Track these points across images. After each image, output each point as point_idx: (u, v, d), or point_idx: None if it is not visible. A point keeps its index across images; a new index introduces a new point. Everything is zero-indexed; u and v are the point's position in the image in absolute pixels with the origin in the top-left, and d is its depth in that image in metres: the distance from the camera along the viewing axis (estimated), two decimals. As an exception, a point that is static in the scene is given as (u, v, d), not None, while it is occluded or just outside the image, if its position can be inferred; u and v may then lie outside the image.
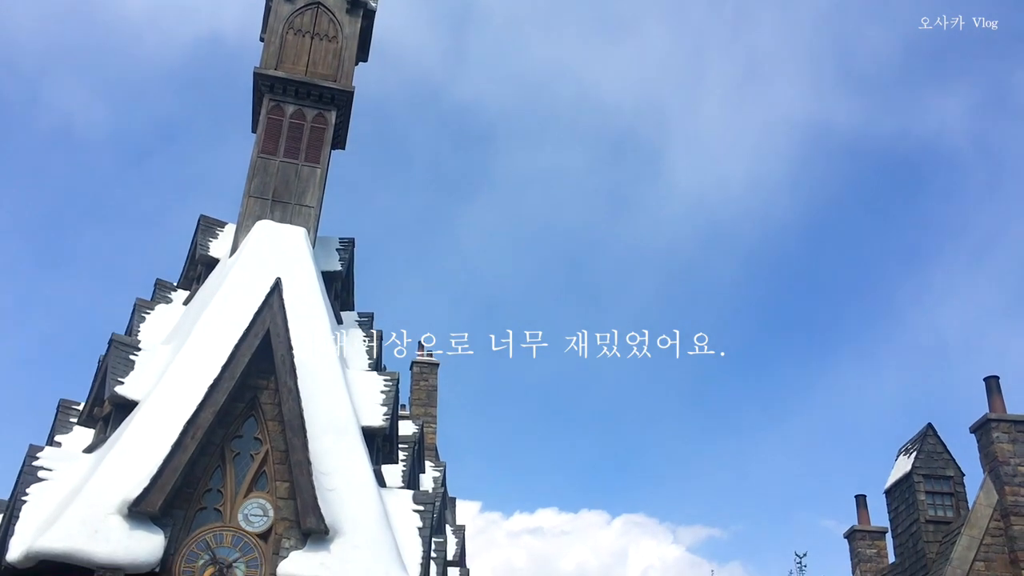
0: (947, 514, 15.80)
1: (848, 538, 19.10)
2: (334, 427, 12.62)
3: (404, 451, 16.35)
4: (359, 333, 16.56)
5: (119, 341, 13.61)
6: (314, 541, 11.28)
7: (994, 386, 15.25)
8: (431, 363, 25.35)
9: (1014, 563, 14.05)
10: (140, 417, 12.03)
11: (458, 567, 21.91)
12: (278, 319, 12.63)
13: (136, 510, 10.79)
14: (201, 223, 17.09)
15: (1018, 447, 14.73)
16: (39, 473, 11.87)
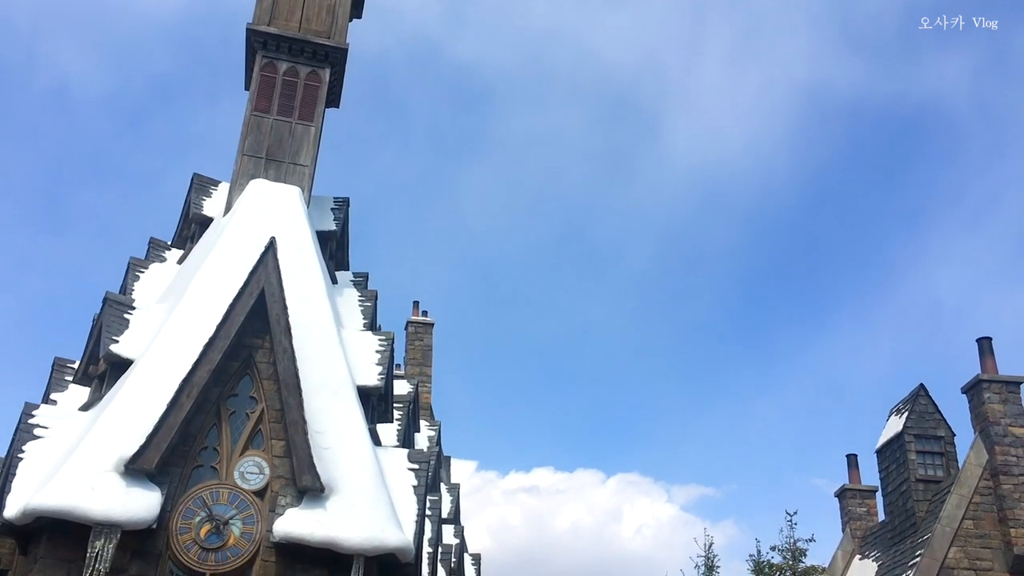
0: (937, 473, 15.95)
1: (839, 497, 19.29)
2: (329, 386, 12.66)
3: (399, 410, 16.43)
4: (354, 293, 16.56)
5: (113, 300, 13.59)
6: (310, 499, 11.36)
7: (987, 347, 15.32)
8: (426, 323, 25.41)
9: (1002, 521, 14.22)
10: (135, 375, 12.05)
11: (453, 525, 22.13)
12: (273, 278, 12.61)
13: (132, 467, 10.85)
14: (195, 182, 17.00)
15: (1009, 407, 14.83)
16: (35, 431, 11.92)
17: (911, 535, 15.50)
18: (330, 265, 16.22)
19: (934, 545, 14.07)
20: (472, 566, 25.30)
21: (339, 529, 11.08)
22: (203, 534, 11.05)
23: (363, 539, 11.03)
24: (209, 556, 11.00)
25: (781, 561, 35.48)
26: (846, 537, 18.62)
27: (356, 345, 14.46)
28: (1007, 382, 15.01)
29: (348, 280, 17.26)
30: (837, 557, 18.49)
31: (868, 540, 17.95)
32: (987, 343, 15.38)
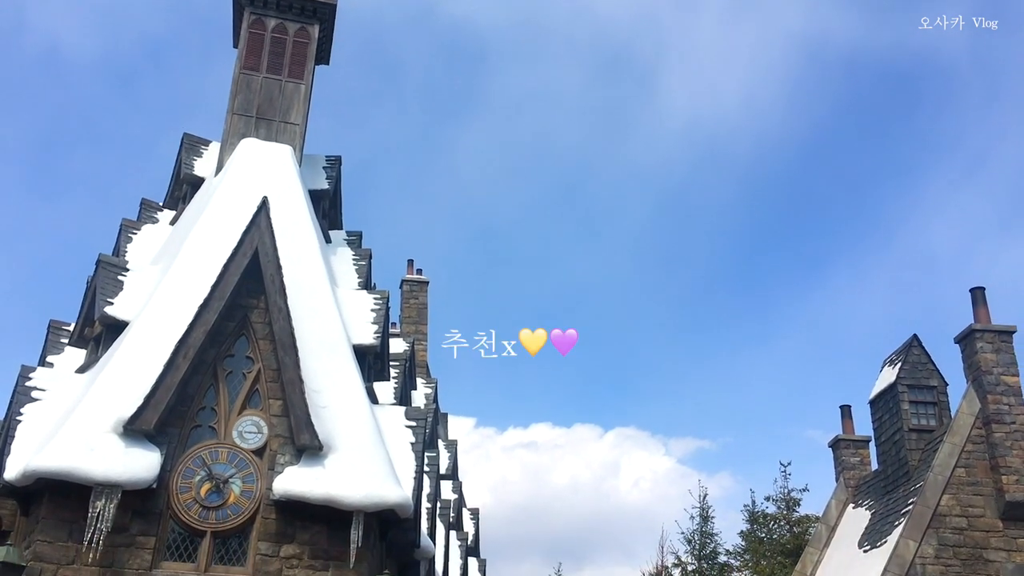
0: (930, 423, 16.10)
1: (833, 447, 19.48)
2: (325, 345, 12.69)
3: (395, 368, 16.49)
4: (348, 252, 16.52)
5: (106, 262, 13.55)
6: (308, 457, 11.44)
7: (980, 297, 15.37)
8: (421, 281, 25.41)
9: (994, 469, 14.38)
10: (131, 337, 12.05)
11: (451, 480, 22.34)
12: (266, 238, 12.57)
13: (131, 428, 10.90)
14: (185, 141, 16.87)
15: (1001, 356, 14.93)
16: (32, 393, 11.95)
17: (904, 484, 15.69)
18: (323, 224, 16.17)
19: (927, 493, 14.24)
20: (471, 520, 25.59)
21: (338, 486, 11.17)
22: (203, 493, 11.14)
23: (362, 496, 11.13)
24: (210, 514, 11.10)
25: (776, 511, 35.93)
26: (840, 486, 18.84)
27: (351, 304, 14.46)
28: (1000, 332, 15.09)
29: (342, 239, 17.21)
30: (831, 506, 18.73)
31: (861, 489, 18.17)
32: (980, 293, 15.43)
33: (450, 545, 19.32)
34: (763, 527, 34.57)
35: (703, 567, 38.18)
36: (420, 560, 14.30)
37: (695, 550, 38.61)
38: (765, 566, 32.04)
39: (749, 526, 35.00)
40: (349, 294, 14.74)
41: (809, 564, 18.04)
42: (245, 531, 11.24)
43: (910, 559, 13.71)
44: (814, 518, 29.96)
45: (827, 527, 18.45)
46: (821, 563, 17.80)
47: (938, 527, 14.05)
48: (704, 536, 38.48)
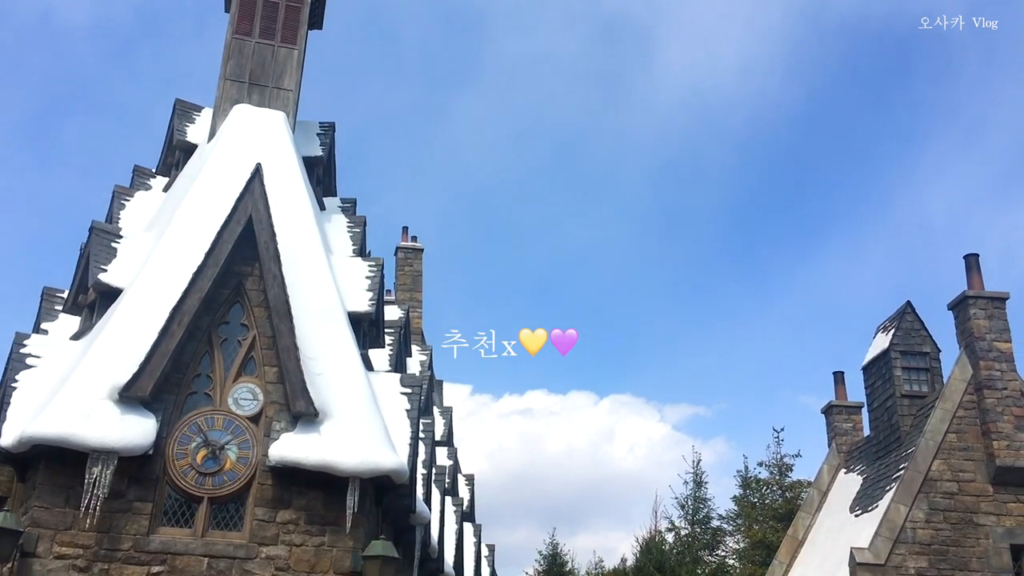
0: (922, 389, 16.19)
1: (825, 413, 19.60)
2: (320, 313, 12.69)
3: (390, 336, 16.51)
4: (342, 219, 16.48)
5: (100, 229, 13.50)
6: (304, 423, 11.48)
7: (973, 264, 15.39)
8: (415, 248, 25.37)
9: (985, 434, 14.49)
10: (125, 304, 12.04)
11: (446, 447, 22.46)
12: (260, 205, 12.51)
13: (127, 395, 10.91)
14: (177, 107, 16.74)
15: (994, 323, 14.99)
16: (27, 360, 11.95)
17: (895, 449, 15.82)
18: (317, 191, 16.11)
19: (918, 458, 14.36)
20: (466, 486, 25.77)
21: (334, 453, 11.22)
22: (199, 459, 11.19)
23: (358, 462, 11.19)
24: (206, 480, 11.16)
25: (768, 476, 36.21)
26: (832, 452, 18.99)
27: (346, 271, 14.45)
28: (992, 298, 15.13)
29: (336, 206, 17.16)
30: (823, 471, 18.89)
31: (853, 455, 18.32)
32: (974, 260, 15.46)
33: (445, 510, 19.47)
34: (756, 492, 34.88)
35: (696, 531, 38.56)
36: (416, 525, 14.42)
37: (688, 515, 38.98)
38: (757, 530, 32.38)
39: (742, 491, 35.32)
40: (343, 261, 14.72)
41: (801, 528, 18.22)
42: (242, 497, 11.30)
43: (901, 523, 13.86)
44: (806, 483, 30.24)
45: (819, 492, 18.62)
46: (813, 527, 17.99)
47: (929, 492, 14.18)
48: (697, 501, 38.84)
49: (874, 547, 13.59)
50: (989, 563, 13.77)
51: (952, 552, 13.79)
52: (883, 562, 13.47)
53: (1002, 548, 13.89)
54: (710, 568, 36.84)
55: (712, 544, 37.98)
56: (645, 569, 38.58)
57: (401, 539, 14.07)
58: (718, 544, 37.86)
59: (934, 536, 13.87)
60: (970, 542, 13.91)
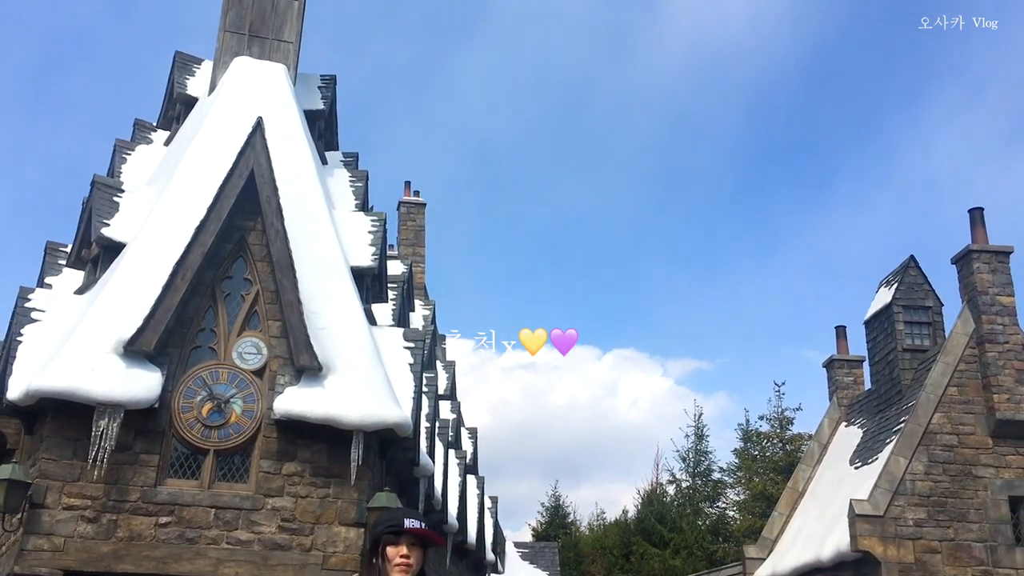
0: (924, 343, 16.24)
1: (827, 367, 19.69)
2: (323, 267, 12.69)
3: (393, 290, 16.53)
4: (344, 173, 16.40)
5: (102, 183, 13.46)
6: (308, 377, 11.54)
7: (978, 218, 15.34)
8: (418, 203, 25.30)
9: (986, 388, 14.55)
10: (128, 259, 12.05)
11: (450, 400, 22.61)
12: (262, 159, 12.45)
13: (131, 349, 10.97)
14: (177, 60, 16.58)
15: (997, 277, 14.97)
16: (32, 315, 11.99)
17: (896, 402, 15.91)
18: (319, 145, 16.01)
19: (918, 411, 14.45)
20: (469, 439, 25.97)
21: (338, 406, 11.30)
22: (205, 412, 11.28)
23: (362, 415, 11.27)
24: (212, 433, 11.26)
25: (769, 429, 36.48)
26: (833, 406, 19.11)
27: (348, 226, 14.42)
28: (997, 252, 15.11)
29: (338, 160, 17.07)
30: (823, 425, 19.02)
31: (854, 408, 18.42)
32: (978, 213, 15.40)
33: (449, 463, 19.65)
34: (756, 445, 35.22)
35: (697, 484, 39.00)
36: (419, 477, 14.56)
37: (690, 467, 39.39)
38: (757, 482, 32.74)
39: (743, 444, 35.67)
40: (346, 216, 14.68)
41: (801, 480, 18.40)
42: (247, 449, 11.41)
43: (900, 475, 13.98)
44: (807, 436, 30.48)
45: (819, 445, 18.76)
46: (813, 479, 18.16)
47: (928, 444, 14.29)
48: (699, 454, 39.25)
49: (873, 499, 13.72)
50: (987, 514, 13.91)
51: (951, 504, 13.93)
52: (882, 513, 13.61)
53: (1000, 500, 14.03)
54: (710, 519, 37.33)
55: (713, 496, 38.44)
56: (646, 520, 39.06)
57: (405, 491, 14.23)
58: (719, 496, 38.32)
59: (933, 488, 14.00)
60: (969, 494, 14.04)
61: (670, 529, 36.54)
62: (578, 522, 53.14)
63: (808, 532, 15.98)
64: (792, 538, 16.81)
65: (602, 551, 43.87)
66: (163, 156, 15.37)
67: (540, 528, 51.90)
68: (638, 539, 38.33)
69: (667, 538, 36.26)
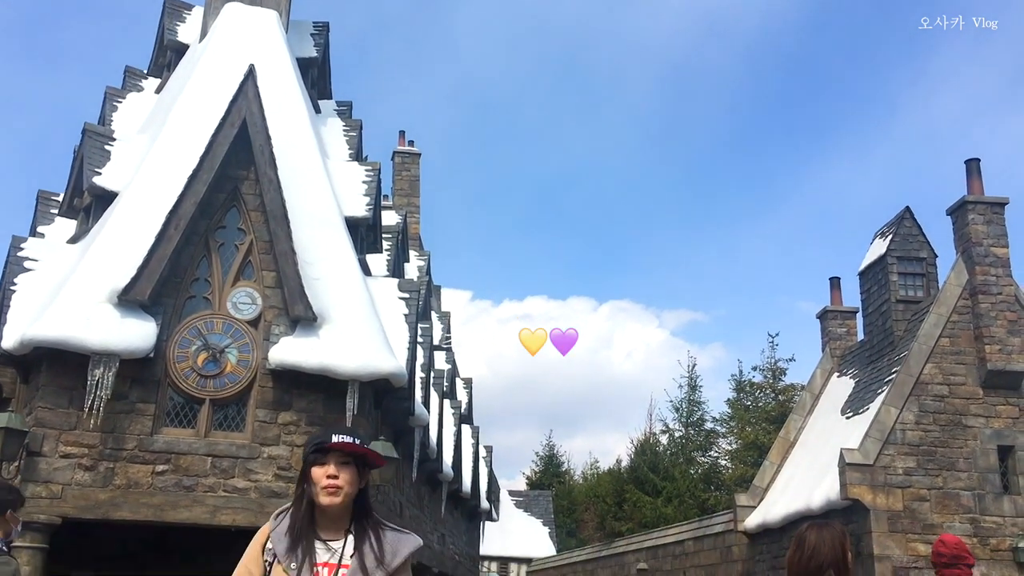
0: (917, 294, 16.29)
1: (820, 318, 19.76)
2: (317, 217, 12.64)
3: (388, 241, 16.49)
4: (338, 123, 16.27)
5: (93, 131, 13.33)
6: (303, 328, 11.56)
7: (974, 169, 15.28)
8: (413, 153, 25.14)
9: (978, 339, 14.63)
10: (121, 208, 11.98)
11: (445, 351, 22.70)
12: (254, 108, 12.32)
13: (125, 299, 10.95)
14: (167, 6, 16.32)
15: (992, 228, 14.97)
16: (25, 264, 11.96)
17: (888, 353, 16.00)
18: (312, 94, 15.85)
19: (910, 362, 14.54)
20: (464, 390, 26.13)
21: (333, 356, 11.33)
22: (200, 362, 11.31)
23: (357, 366, 11.31)
24: (208, 383, 11.30)
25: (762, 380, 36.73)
26: (825, 356, 19.22)
27: (342, 175, 14.34)
28: (992, 203, 15.08)
29: (331, 109, 16.92)
30: (816, 375, 19.15)
31: (847, 359, 18.54)
32: (975, 164, 15.34)
33: (444, 413, 19.78)
34: (749, 396, 35.52)
35: (690, 433, 39.39)
36: (415, 427, 14.68)
37: (683, 417, 39.75)
38: (750, 432, 33.06)
39: (735, 394, 35.95)
40: (340, 165, 14.59)
41: (792, 430, 18.57)
42: (243, 399, 11.47)
43: (891, 425, 14.11)
44: (799, 387, 30.71)
45: (811, 395, 18.91)
46: (804, 429, 18.33)
47: (920, 395, 14.40)
48: (692, 404, 39.60)
49: (863, 448, 13.86)
50: (976, 463, 14.08)
51: (940, 453, 14.08)
52: (872, 462, 13.76)
53: (989, 449, 14.18)
54: (703, 468, 37.77)
55: (705, 445, 38.85)
56: (639, 469, 39.53)
57: (400, 440, 14.34)
58: (711, 445, 38.73)
59: (923, 437, 14.14)
60: (958, 443, 14.19)
61: (662, 478, 37.01)
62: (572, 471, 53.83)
63: (799, 481, 16.18)
64: (783, 487, 17.02)
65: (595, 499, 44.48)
66: (154, 104, 15.21)
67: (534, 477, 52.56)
68: (631, 487, 38.84)
69: (659, 486, 36.74)
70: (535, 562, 37.82)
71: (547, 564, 35.46)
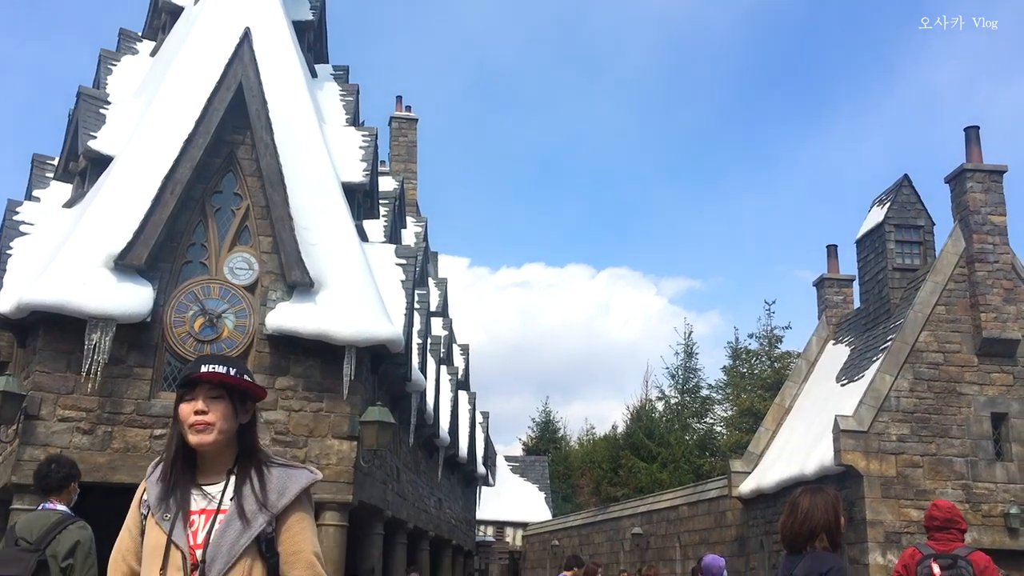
0: (914, 262, 16.29)
1: (817, 286, 19.79)
2: (314, 182, 12.59)
3: (385, 207, 16.45)
4: (334, 87, 16.15)
5: (88, 94, 13.23)
6: (300, 293, 11.56)
7: (973, 136, 15.22)
8: (410, 118, 24.98)
9: (974, 306, 14.67)
10: (116, 172, 11.91)
11: (442, 317, 22.73)
12: (250, 72, 12.21)
13: (122, 263, 10.93)
14: (161, -32, 16.12)
15: (990, 196, 14.94)
16: (21, 227, 11.93)
17: (884, 321, 16.04)
18: (308, 57, 15.72)
19: (906, 329, 14.58)
20: (461, 356, 26.21)
21: (330, 322, 11.34)
22: (197, 327, 11.31)
23: (354, 331, 11.33)
24: (205, 348, 11.31)
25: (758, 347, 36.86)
26: (821, 324, 19.27)
27: (339, 141, 14.26)
28: (990, 171, 15.04)
29: (328, 74, 16.78)
30: (812, 343, 19.21)
31: (843, 326, 18.59)
32: (974, 132, 15.28)
33: (441, 379, 19.85)
34: (745, 363, 35.64)
35: (686, 400, 39.58)
36: (411, 392, 14.73)
37: (679, 384, 39.93)
38: (745, 399, 33.22)
39: (732, 362, 36.08)
40: (336, 130, 14.50)
41: (788, 397, 18.67)
42: (240, 364, 11.48)
43: (885, 392, 14.19)
44: (795, 354, 30.82)
45: (807, 362, 18.99)
46: (799, 396, 18.43)
47: (915, 362, 14.46)
48: (688, 371, 39.75)
49: (858, 415, 13.95)
50: (969, 430, 14.18)
51: (934, 420, 14.17)
52: (866, 429, 13.86)
53: (983, 416, 14.27)
54: (698, 435, 38.02)
55: (701, 412, 39.07)
56: (635, 435, 39.77)
57: (397, 406, 14.40)
58: (707, 412, 38.94)
59: (917, 404, 14.22)
60: (952, 410, 14.28)
61: (658, 444, 37.25)
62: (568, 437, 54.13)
63: (793, 447, 16.29)
64: (777, 453, 17.14)
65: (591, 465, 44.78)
66: (149, 67, 15.08)
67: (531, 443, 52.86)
68: (626, 453, 39.10)
69: (655, 452, 36.99)
70: (531, 526, 38.18)
71: (543, 528, 35.80)
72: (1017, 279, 14.77)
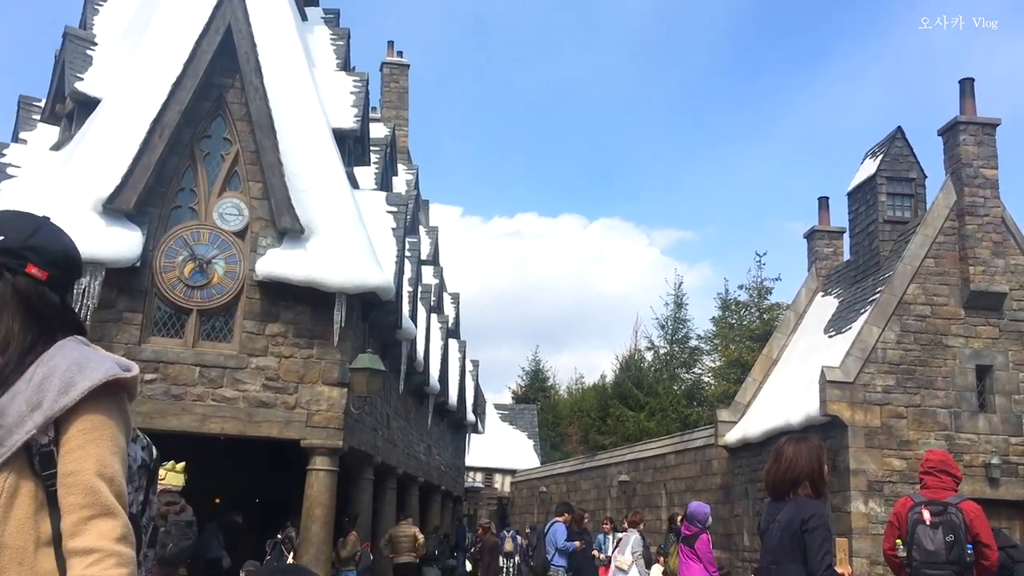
0: (905, 215, 16.31)
1: (807, 238, 19.82)
2: (304, 128, 12.48)
3: (376, 154, 16.33)
4: (325, 31, 15.93)
5: (74, 35, 13.03)
6: (290, 239, 11.52)
7: (967, 89, 15.13)
8: (402, 64, 24.68)
9: (962, 259, 14.72)
10: (104, 115, 11.78)
11: (432, 266, 22.72)
12: (239, 13, 12.02)
13: (110, 207, 10.87)
14: (147, -94, 15.77)
15: (983, 149, 14.90)
16: (8, 170, 11.81)
17: (873, 273, 16.11)
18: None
19: (894, 282, 14.65)
20: (452, 305, 26.26)
21: (320, 269, 11.33)
22: (187, 272, 11.29)
23: (344, 278, 11.32)
24: (195, 293, 11.30)
25: (747, 298, 37.03)
26: (811, 276, 19.34)
27: (329, 86, 14.10)
28: (984, 124, 14.99)
29: (318, 17, 16.54)
30: (800, 294, 19.30)
31: (832, 279, 18.66)
32: (968, 84, 15.19)
33: (431, 327, 19.92)
34: (734, 314, 35.83)
35: (674, 350, 39.86)
36: (402, 340, 14.78)
37: (668, 334, 40.17)
38: (733, 350, 33.47)
39: (721, 313, 36.27)
40: (327, 75, 14.34)
41: (776, 348, 18.80)
42: (230, 310, 11.49)
43: (872, 343, 14.30)
44: (784, 306, 30.99)
45: (796, 314, 19.09)
46: (787, 347, 18.56)
47: (902, 314, 14.55)
48: (677, 322, 39.98)
49: (844, 366, 14.07)
50: (954, 382, 14.32)
51: (919, 371, 14.31)
52: (852, 380, 13.99)
53: (968, 368, 14.41)
54: (686, 385, 38.37)
55: (689, 362, 39.38)
56: (623, 385, 40.12)
57: (387, 353, 14.46)
58: (695, 362, 39.26)
59: (903, 356, 14.34)
60: (938, 362, 14.41)
61: (646, 393, 37.60)
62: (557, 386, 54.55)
63: (780, 397, 16.45)
64: (764, 403, 17.31)
65: (579, 413, 45.22)
66: (136, 7, 14.81)
67: (520, 391, 53.27)
68: (615, 402, 39.48)
69: (643, 401, 37.35)
70: (519, 473, 38.64)
71: (531, 475, 36.23)
72: (1007, 232, 14.81)
